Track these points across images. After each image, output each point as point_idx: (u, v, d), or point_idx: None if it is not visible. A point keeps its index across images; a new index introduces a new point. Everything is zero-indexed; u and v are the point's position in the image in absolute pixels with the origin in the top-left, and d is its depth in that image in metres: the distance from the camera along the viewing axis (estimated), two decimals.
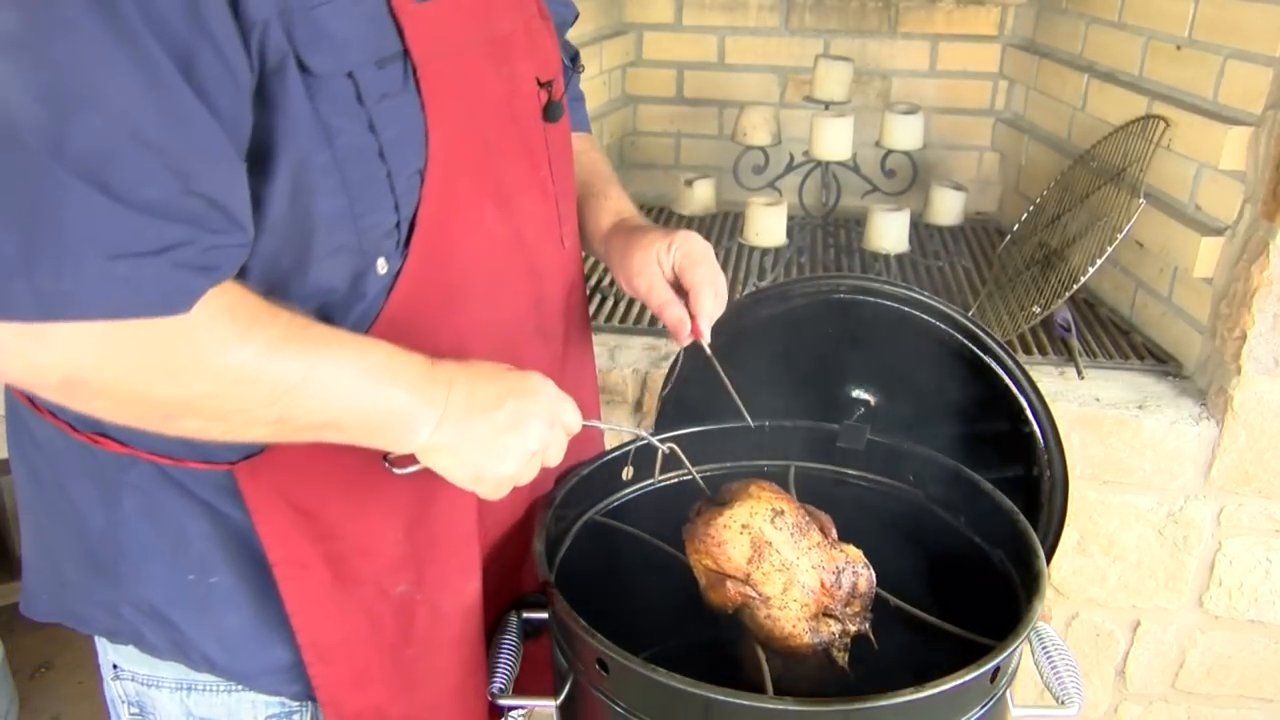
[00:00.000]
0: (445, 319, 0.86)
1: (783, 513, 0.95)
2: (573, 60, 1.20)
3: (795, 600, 0.93)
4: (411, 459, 0.84)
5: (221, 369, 0.70)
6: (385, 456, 0.85)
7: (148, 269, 0.65)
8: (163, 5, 0.63)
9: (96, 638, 0.95)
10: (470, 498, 0.93)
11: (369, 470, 0.85)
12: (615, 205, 1.15)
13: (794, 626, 0.93)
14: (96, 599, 0.90)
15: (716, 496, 0.99)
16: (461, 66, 0.84)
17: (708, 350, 1.02)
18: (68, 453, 0.86)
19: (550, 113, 0.98)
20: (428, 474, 0.86)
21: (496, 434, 0.83)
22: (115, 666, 0.95)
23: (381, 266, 0.81)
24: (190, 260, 0.67)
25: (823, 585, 0.93)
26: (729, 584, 0.93)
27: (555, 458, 0.88)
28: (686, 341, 1.03)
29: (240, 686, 0.91)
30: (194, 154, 0.66)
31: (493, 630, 1.01)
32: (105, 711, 1.00)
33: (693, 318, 1.02)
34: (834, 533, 0.97)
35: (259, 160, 0.72)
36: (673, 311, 1.03)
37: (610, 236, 1.11)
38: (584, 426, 0.91)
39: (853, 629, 0.94)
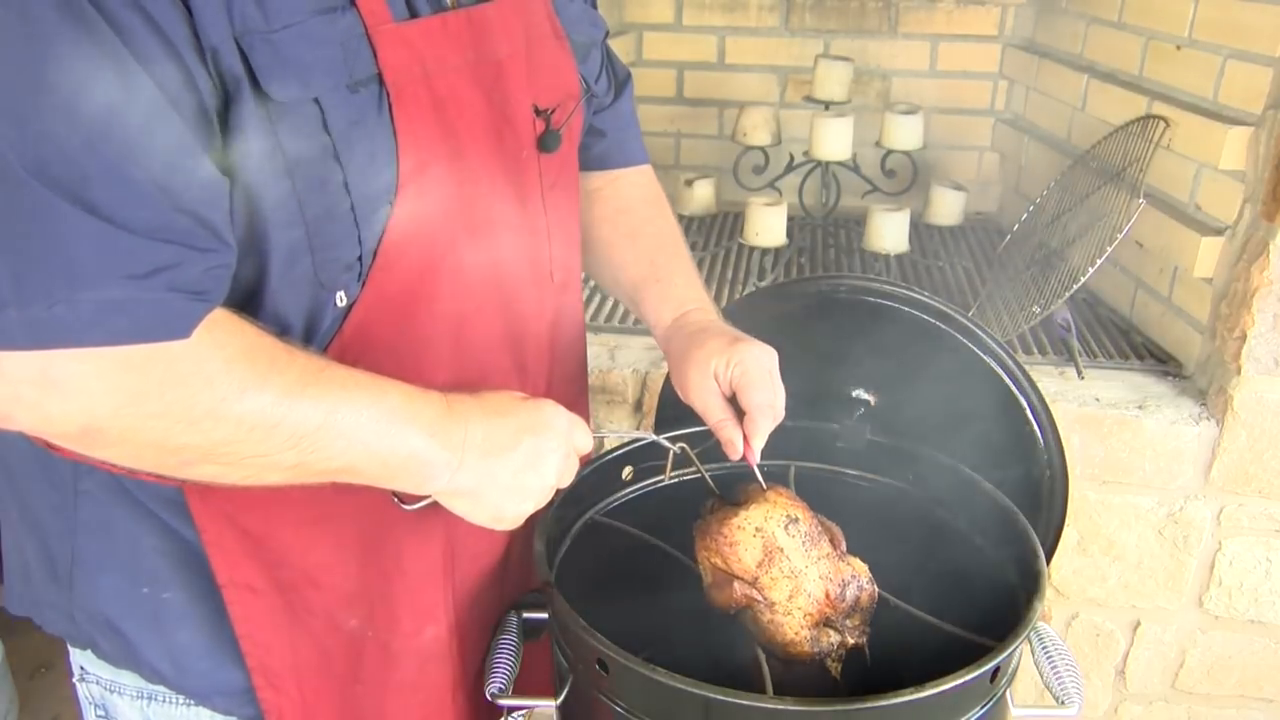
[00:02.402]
0: (406, 352, 0.84)
1: (797, 520, 0.95)
2: (621, 84, 1.15)
3: (800, 608, 0.93)
4: (419, 496, 0.83)
5: (241, 416, 0.69)
6: (394, 493, 0.84)
7: (143, 293, 0.64)
8: (134, 25, 0.63)
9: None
10: (433, 543, 0.93)
11: (318, 500, 0.83)
12: (679, 294, 1.08)
13: (796, 634, 0.93)
14: (54, 602, 0.90)
15: (731, 496, 0.99)
16: (442, 91, 0.80)
17: (756, 471, 0.99)
18: (30, 456, 0.85)
19: (545, 142, 0.92)
20: (380, 514, 0.86)
21: (515, 475, 0.83)
22: (81, 668, 0.94)
23: (340, 300, 0.79)
24: (184, 283, 0.66)
25: (827, 596, 0.94)
26: (736, 585, 0.93)
27: (568, 481, 0.88)
28: (735, 458, 0.99)
29: (197, 701, 0.91)
30: (178, 171, 0.65)
31: (493, 631, 1.01)
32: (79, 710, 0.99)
33: (746, 438, 0.97)
34: (843, 545, 0.97)
35: None
36: (726, 432, 0.98)
37: (670, 335, 1.05)
38: (596, 439, 0.90)
39: (850, 641, 0.94)
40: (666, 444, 0.99)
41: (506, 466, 0.82)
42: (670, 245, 1.14)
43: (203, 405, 0.68)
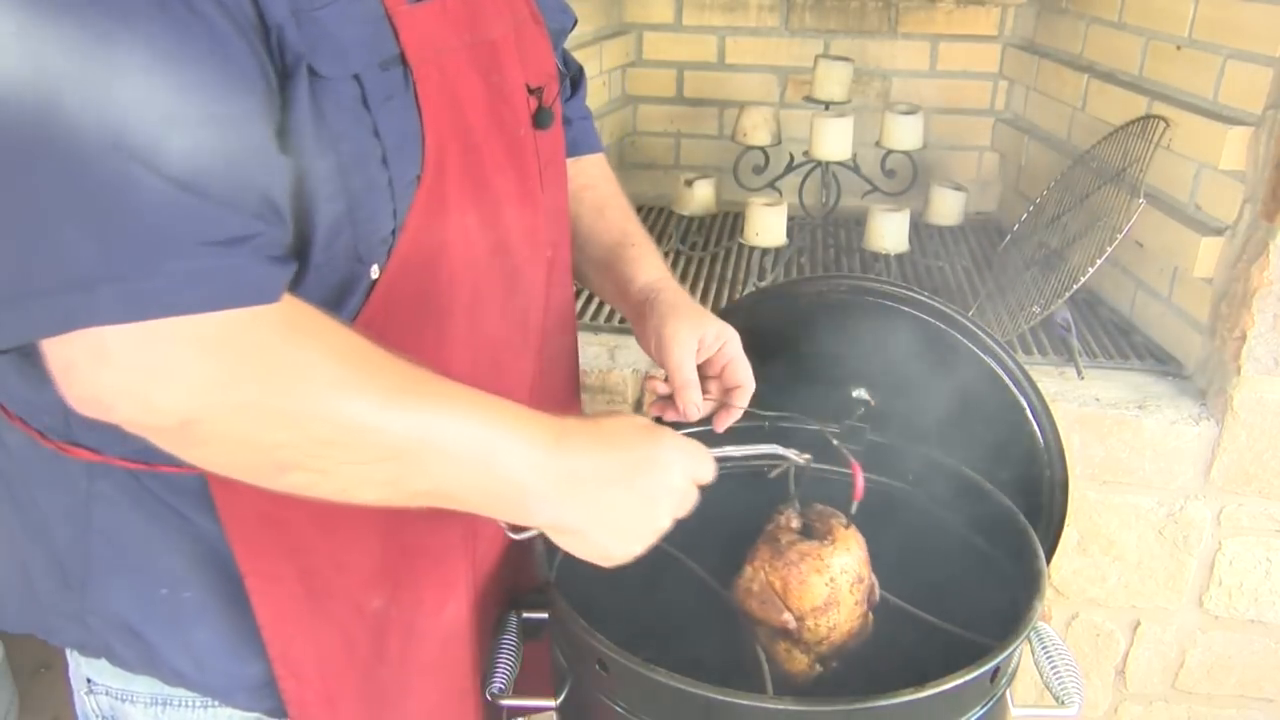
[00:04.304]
0: (426, 328, 0.84)
1: (863, 581, 0.95)
2: (577, 76, 1.19)
3: (819, 650, 0.94)
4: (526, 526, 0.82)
5: (338, 414, 0.68)
6: (500, 522, 0.83)
7: (228, 260, 0.64)
8: (203, 6, 0.63)
9: (68, 651, 0.93)
10: (452, 519, 0.91)
11: None
12: (656, 261, 1.13)
13: (803, 669, 0.94)
14: (65, 611, 0.88)
15: (807, 515, 0.98)
16: (449, 71, 0.82)
17: (846, 511, 0.99)
18: (37, 461, 0.84)
19: (540, 119, 0.95)
20: None
21: (625, 517, 0.81)
22: (89, 680, 0.92)
23: (374, 272, 0.79)
24: (265, 250, 0.66)
25: (840, 644, 0.95)
26: (786, 615, 0.93)
27: (684, 513, 0.86)
28: (694, 419, 1.03)
29: (215, 702, 0.89)
30: (246, 147, 0.66)
31: (493, 630, 1.01)
32: None
33: (723, 410, 1.04)
34: (876, 597, 0.99)
35: None
36: (692, 393, 1.01)
37: (650, 293, 1.08)
38: (719, 458, 0.87)
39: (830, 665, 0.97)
40: (794, 458, 0.97)
41: (616, 507, 0.80)
42: (635, 220, 1.18)
43: (298, 397, 0.67)
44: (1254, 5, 1.54)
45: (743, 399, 1.04)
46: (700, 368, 1.05)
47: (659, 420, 1.03)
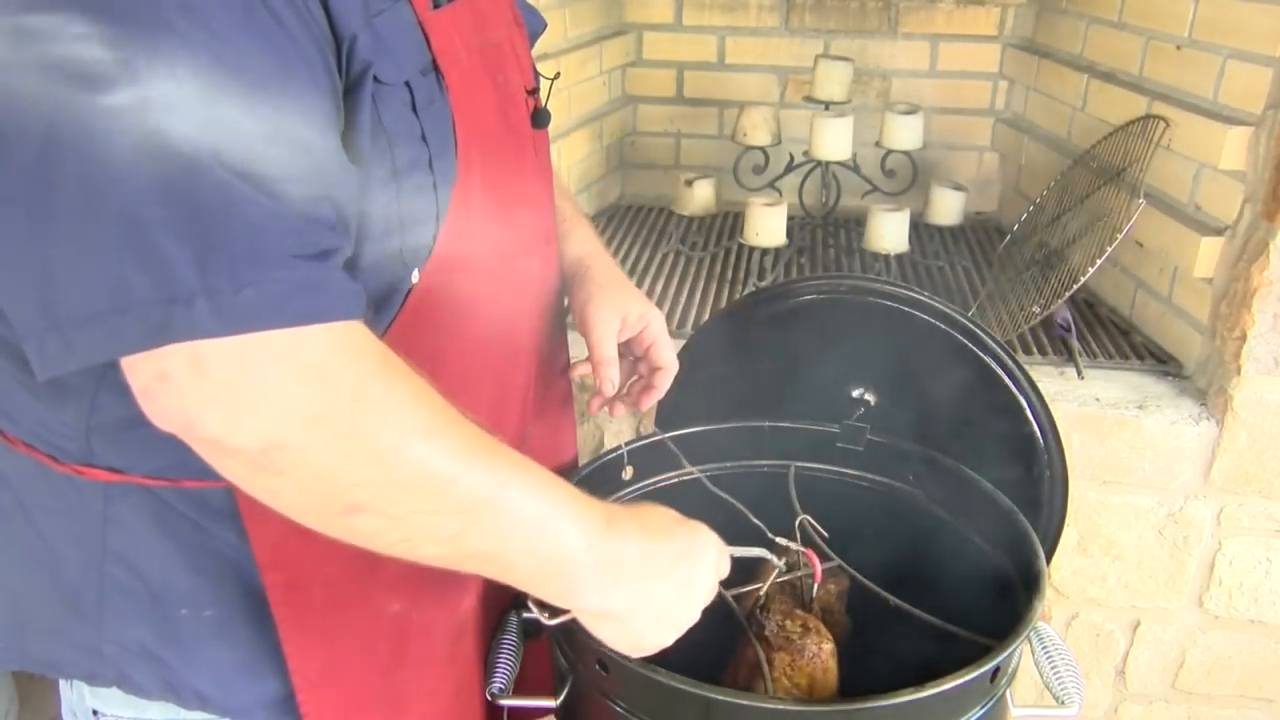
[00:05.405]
0: (452, 330, 0.85)
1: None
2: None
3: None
4: (563, 610, 0.82)
5: (422, 459, 0.67)
6: (536, 603, 0.82)
7: (320, 273, 0.63)
8: (287, 17, 0.64)
9: (65, 685, 0.91)
10: None
11: None
12: (587, 233, 1.17)
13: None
14: (74, 642, 0.86)
15: (776, 606, 0.98)
16: (469, 75, 0.84)
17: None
18: (45, 488, 0.82)
19: (538, 119, 0.97)
20: None
21: (666, 606, 0.82)
22: (95, 712, 0.90)
23: (415, 277, 0.79)
24: (341, 264, 0.66)
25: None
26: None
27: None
28: (608, 394, 1.07)
29: None
30: (328, 162, 0.66)
31: (493, 630, 1.01)
32: None
33: (648, 391, 1.10)
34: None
35: None
36: (610, 370, 1.05)
37: (582, 266, 1.11)
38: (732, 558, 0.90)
39: None
40: (778, 563, 0.98)
41: (660, 593, 0.81)
42: (569, 196, 1.21)
43: (388, 435, 0.66)
44: (1254, 5, 1.54)
45: (664, 381, 1.10)
46: (626, 345, 1.09)
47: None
